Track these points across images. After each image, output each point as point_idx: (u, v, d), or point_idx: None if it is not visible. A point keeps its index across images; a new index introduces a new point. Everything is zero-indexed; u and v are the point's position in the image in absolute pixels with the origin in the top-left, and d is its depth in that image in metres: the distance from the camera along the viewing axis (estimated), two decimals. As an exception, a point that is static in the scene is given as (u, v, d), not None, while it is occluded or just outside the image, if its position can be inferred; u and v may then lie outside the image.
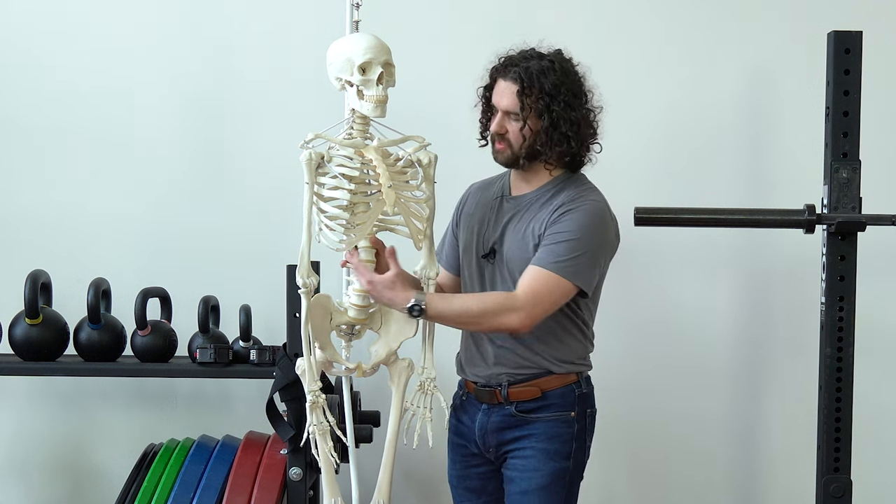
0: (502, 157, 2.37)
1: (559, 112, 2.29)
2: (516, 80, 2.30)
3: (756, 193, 3.16)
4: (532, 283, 2.26)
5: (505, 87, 2.32)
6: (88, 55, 3.18)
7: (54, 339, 2.87)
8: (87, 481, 3.24)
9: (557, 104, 2.29)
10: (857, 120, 2.46)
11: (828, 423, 2.51)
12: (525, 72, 2.29)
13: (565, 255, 2.26)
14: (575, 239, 2.27)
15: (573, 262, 2.26)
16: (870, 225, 2.47)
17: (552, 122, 2.29)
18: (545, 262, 2.26)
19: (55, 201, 3.19)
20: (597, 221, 2.31)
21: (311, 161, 2.27)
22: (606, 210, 2.35)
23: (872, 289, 2.85)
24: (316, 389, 2.33)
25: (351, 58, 2.27)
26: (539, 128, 2.30)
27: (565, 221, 2.29)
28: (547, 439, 2.35)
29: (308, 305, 2.30)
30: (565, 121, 2.30)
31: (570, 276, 2.26)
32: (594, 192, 2.37)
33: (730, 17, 3.17)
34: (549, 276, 2.26)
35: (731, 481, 3.25)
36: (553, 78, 2.29)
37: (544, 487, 2.34)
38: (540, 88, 2.28)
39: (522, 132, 2.31)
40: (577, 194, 2.33)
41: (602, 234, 2.33)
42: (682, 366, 3.21)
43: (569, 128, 2.30)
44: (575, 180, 2.39)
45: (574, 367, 2.38)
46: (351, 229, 2.30)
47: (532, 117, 2.30)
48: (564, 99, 2.29)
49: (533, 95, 2.29)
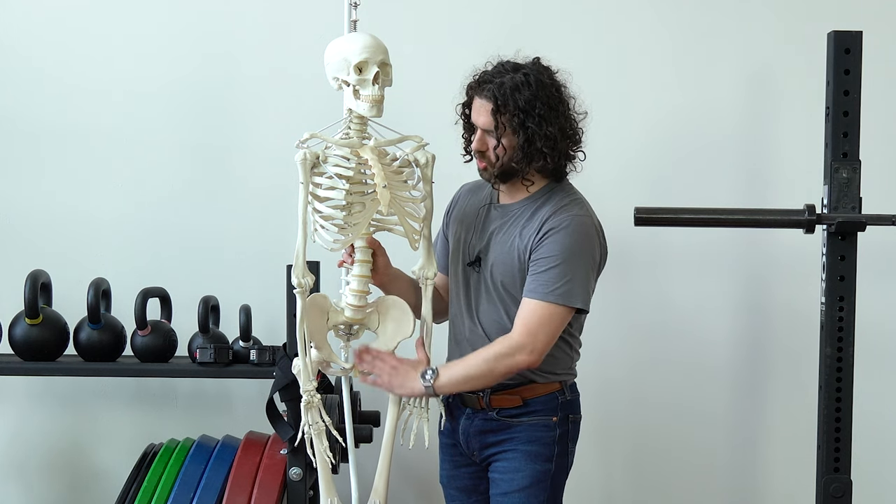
0: (486, 174, 2.37)
1: (534, 129, 2.27)
2: (490, 98, 2.28)
3: (756, 193, 3.16)
4: (526, 318, 2.26)
5: (480, 106, 2.31)
6: (88, 56, 3.18)
7: (54, 339, 2.87)
8: (87, 481, 3.24)
9: (532, 120, 2.26)
10: (857, 120, 2.45)
11: (828, 423, 2.50)
12: (499, 89, 2.27)
13: (555, 281, 2.25)
14: (562, 263, 2.26)
15: (565, 286, 2.26)
16: (870, 225, 2.46)
17: (527, 138, 2.27)
18: (538, 294, 2.26)
19: (55, 201, 3.19)
20: (581, 240, 2.29)
21: (305, 161, 2.27)
22: (590, 224, 2.33)
23: (872, 289, 2.85)
24: (311, 389, 2.33)
25: (347, 57, 2.28)
26: (515, 144, 2.29)
27: (549, 244, 2.27)
28: (528, 442, 2.35)
29: (304, 305, 2.30)
30: (540, 137, 2.27)
31: (565, 301, 2.26)
32: (577, 204, 2.34)
33: (730, 17, 3.17)
34: (544, 307, 2.26)
35: (731, 481, 3.25)
36: (527, 93, 2.26)
37: (525, 489, 2.34)
38: (514, 105, 2.26)
39: (496, 151, 2.30)
40: (559, 208, 2.31)
41: (589, 250, 2.31)
42: (682, 365, 3.21)
43: (544, 143, 2.28)
44: (560, 190, 2.37)
45: (558, 378, 2.38)
46: (346, 229, 2.30)
47: (507, 135, 2.29)
48: (539, 114, 2.27)
49: (507, 113, 2.27)
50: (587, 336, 2.47)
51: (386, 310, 2.39)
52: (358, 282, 2.35)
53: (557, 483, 2.38)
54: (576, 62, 2.46)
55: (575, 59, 2.48)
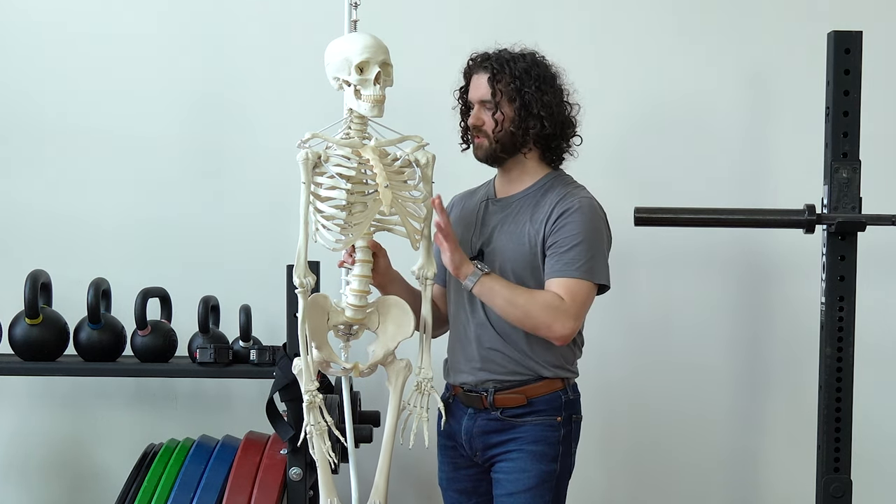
0: (481, 151, 2.39)
1: (531, 94, 2.33)
2: (487, 69, 2.36)
3: (756, 193, 3.16)
4: (571, 292, 2.28)
5: (478, 79, 2.38)
6: (88, 56, 3.18)
7: (54, 339, 2.86)
8: (87, 481, 3.24)
9: (528, 85, 2.34)
10: (857, 120, 2.45)
11: (828, 423, 2.50)
12: (496, 60, 2.36)
13: (581, 259, 2.29)
14: (585, 240, 2.30)
15: (590, 264, 2.30)
16: (870, 225, 2.46)
17: (523, 103, 2.33)
18: (569, 272, 2.29)
19: (55, 201, 3.19)
20: (595, 217, 2.35)
21: (307, 160, 2.27)
22: (598, 206, 2.39)
23: (872, 289, 2.84)
24: (313, 389, 2.33)
25: (348, 57, 2.28)
26: (512, 112, 2.34)
27: (568, 226, 2.31)
28: (533, 442, 2.35)
29: (305, 305, 2.30)
30: (537, 102, 2.34)
31: (592, 278, 2.31)
32: (582, 189, 2.41)
33: (730, 17, 3.17)
34: (579, 284, 2.29)
35: (731, 481, 3.25)
36: (523, 64, 2.35)
37: (531, 489, 2.34)
38: (510, 73, 2.34)
39: (495, 117, 2.34)
40: (566, 193, 2.36)
41: (602, 228, 2.38)
42: (682, 365, 3.21)
43: (541, 108, 2.34)
44: (561, 179, 2.41)
45: (562, 373, 2.38)
46: (348, 229, 2.30)
47: (504, 102, 2.34)
48: (535, 84, 2.34)
49: (503, 80, 2.34)
50: (587, 334, 2.47)
51: (387, 310, 2.39)
52: (359, 282, 2.35)
53: (562, 484, 2.38)
54: (576, 62, 2.48)
55: (575, 58, 2.50)
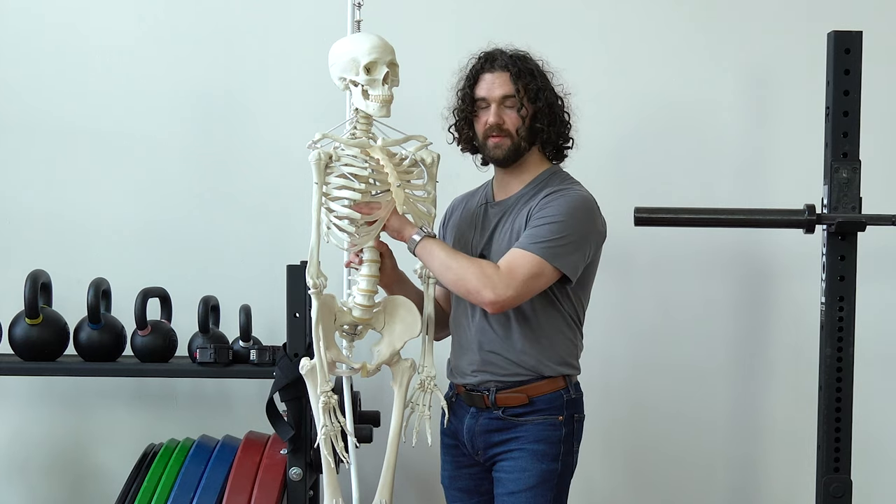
0: (501, 150, 2.37)
1: (550, 92, 2.38)
2: (505, 68, 2.35)
3: (756, 193, 3.16)
4: (511, 262, 2.25)
5: (495, 77, 2.36)
6: (89, 56, 3.18)
7: (54, 339, 2.86)
8: (87, 481, 3.24)
9: (545, 83, 2.38)
10: (857, 120, 2.45)
11: (828, 423, 2.50)
12: (511, 59, 2.36)
13: (547, 236, 2.25)
14: (558, 222, 2.27)
15: (554, 244, 2.25)
16: (870, 225, 2.46)
17: (547, 101, 2.36)
18: (524, 244, 2.26)
19: (55, 201, 3.19)
20: (582, 207, 2.32)
21: (319, 161, 2.26)
22: (590, 199, 2.36)
23: (872, 289, 2.84)
24: (328, 390, 2.32)
25: (356, 57, 2.28)
26: (535, 109, 2.35)
27: (550, 206, 2.30)
28: (535, 441, 2.34)
29: (319, 306, 2.29)
30: (556, 98, 2.39)
31: (550, 259, 2.25)
32: (579, 184, 2.40)
33: (730, 17, 3.17)
34: (528, 257, 2.24)
35: (731, 481, 3.25)
36: (533, 64, 2.38)
37: (533, 488, 2.33)
38: (529, 72, 2.35)
39: (521, 114, 2.34)
40: (559, 187, 2.35)
41: (589, 220, 2.33)
42: (682, 366, 3.21)
43: (559, 107, 2.39)
44: (558, 175, 2.41)
45: (564, 370, 2.37)
46: (360, 228, 2.30)
47: (526, 99, 2.35)
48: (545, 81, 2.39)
49: (525, 78, 2.35)
50: (587, 336, 2.47)
51: (394, 309, 2.39)
52: (367, 281, 2.35)
53: (563, 483, 2.38)
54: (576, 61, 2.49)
55: (575, 58, 2.51)
